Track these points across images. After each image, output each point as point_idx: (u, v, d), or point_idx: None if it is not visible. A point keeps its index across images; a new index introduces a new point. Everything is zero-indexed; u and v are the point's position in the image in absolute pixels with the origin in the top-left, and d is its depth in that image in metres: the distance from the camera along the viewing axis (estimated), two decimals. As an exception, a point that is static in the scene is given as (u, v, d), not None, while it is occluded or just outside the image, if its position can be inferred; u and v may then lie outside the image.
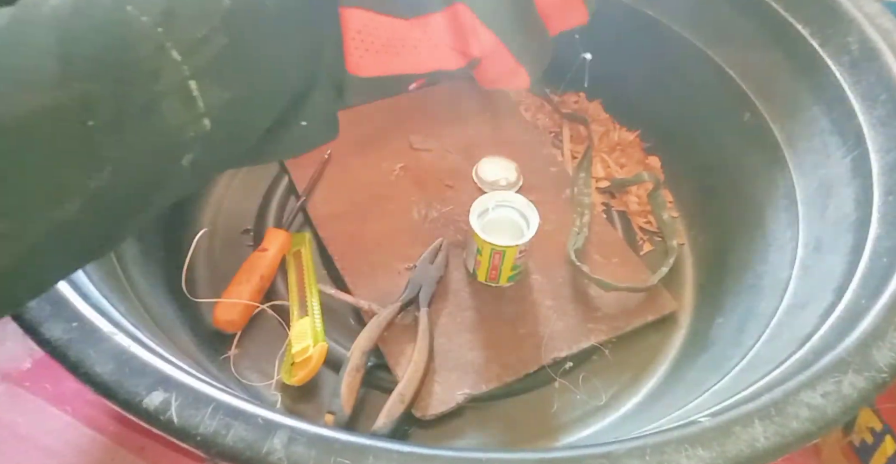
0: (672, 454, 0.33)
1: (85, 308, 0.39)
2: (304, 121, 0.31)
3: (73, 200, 0.24)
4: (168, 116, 0.25)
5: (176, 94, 0.25)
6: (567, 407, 0.58)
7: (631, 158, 0.77)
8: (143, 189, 0.26)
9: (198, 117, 0.25)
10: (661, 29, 0.69)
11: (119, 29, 0.24)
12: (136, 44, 0.24)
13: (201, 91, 0.25)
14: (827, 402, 0.36)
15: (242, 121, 0.28)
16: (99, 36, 0.23)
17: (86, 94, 0.23)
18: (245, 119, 0.28)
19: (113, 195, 0.25)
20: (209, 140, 0.26)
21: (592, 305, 0.63)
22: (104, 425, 0.61)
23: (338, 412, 0.53)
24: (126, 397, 0.35)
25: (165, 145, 0.25)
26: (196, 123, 0.26)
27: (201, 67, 0.25)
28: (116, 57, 0.24)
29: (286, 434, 0.33)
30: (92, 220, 0.25)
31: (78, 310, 0.39)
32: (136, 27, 0.24)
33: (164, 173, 0.26)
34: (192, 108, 0.25)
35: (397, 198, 0.70)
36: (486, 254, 0.60)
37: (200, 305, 0.62)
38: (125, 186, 0.25)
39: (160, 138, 0.25)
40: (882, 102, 0.51)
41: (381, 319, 0.58)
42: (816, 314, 0.45)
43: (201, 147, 0.26)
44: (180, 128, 0.25)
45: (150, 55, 0.24)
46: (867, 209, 0.48)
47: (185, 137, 0.26)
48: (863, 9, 0.55)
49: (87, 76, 0.23)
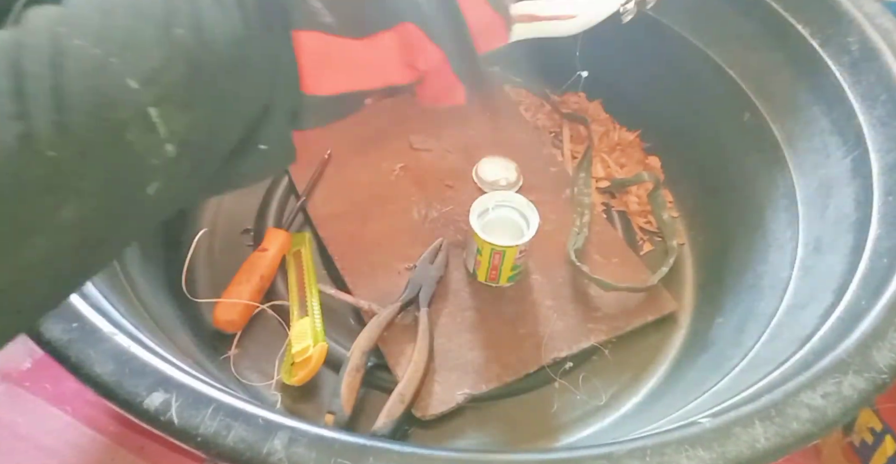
0: (672, 455, 0.33)
1: (85, 308, 0.39)
2: (262, 144, 0.31)
3: (39, 237, 0.24)
4: (131, 144, 0.25)
5: (137, 121, 0.25)
6: (567, 407, 0.59)
7: (631, 158, 0.77)
8: (109, 221, 0.26)
9: (160, 143, 0.26)
10: (661, 29, 0.69)
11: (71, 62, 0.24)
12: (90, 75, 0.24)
13: (163, 117, 0.25)
14: (827, 403, 0.36)
15: (205, 145, 0.28)
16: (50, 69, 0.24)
17: (44, 125, 0.23)
18: (208, 143, 0.28)
19: (79, 229, 0.25)
20: (174, 167, 0.27)
21: (592, 305, 0.63)
22: (104, 425, 0.61)
23: (338, 412, 0.53)
24: (126, 397, 0.35)
25: (130, 174, 0.26)
26: (160, 149, 0.26)
27: (160, 94, 0.25)
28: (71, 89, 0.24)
29: (287, 435, 0.33)
30: (58, 257, 0.25)
31: (78, 310, 0.39)
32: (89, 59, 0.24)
33: (131, 203, 0.26)
34: (155, 134, 0.25)
35: (397, 198, 0.70)
36: (486, 254, 0.60)
37: (200, 305, 0.62)
38: (91, 219, 0.25)
39: (125, 166, 0.25)
40: (882, 102, 0.51)
41: (381, 319, 0.58)
42: (816, 315, 0.45)
43: (166, 174, 0.27)
44: (144, 155, 0.26)
45: (107, 85, 0.24)
46: (867, 209, 0.48)
47: (149, 164, 0.26)
48: (863, 9, 0.55)
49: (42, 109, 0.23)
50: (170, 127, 0.26)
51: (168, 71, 0.25)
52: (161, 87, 0.25)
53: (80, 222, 0.25)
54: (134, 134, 0.25)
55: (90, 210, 0.25)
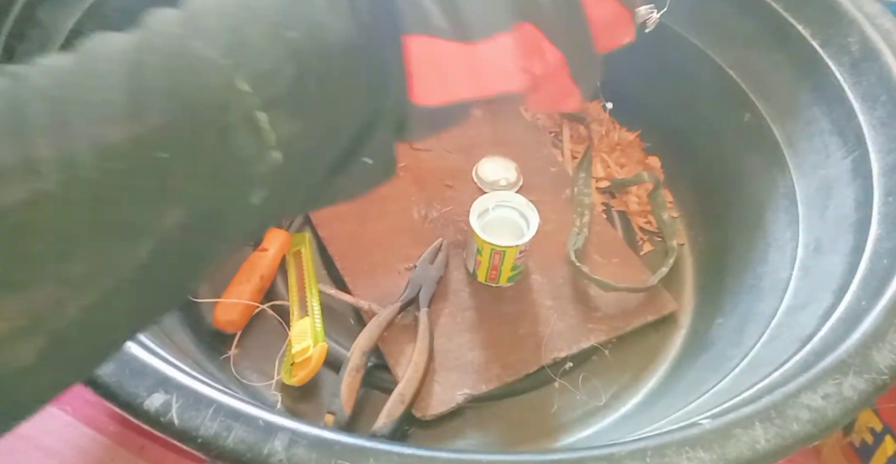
0: (673, 457, 0.33)
1: (85, 309, 0.39)
2: (367, 157, 0.30)
3: (145, 242, 0.23)
4: (240, 149, 0.24)
5: (246, 125, 0.24)
6: (567, 407, 0.59)
7: (631, 158, 0.77)
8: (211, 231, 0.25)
9: (269, 150, 0.25)
10: (661, 29, 0.69)
11: (186, 62, 0.23)
12: (203, 76, 0.24)
13: (272, 123, 0.25)
14: (827, 404, 0.36)
15: (312, 155, 0.27)
16: (166, 70, 0.23)
17: (158, 127, 0.23)
18: (315, 153, 0.27)
19: (181, 238, 0.24)
20: (281, 175, 0.26)
21: (592, 305, 0.63)
22: (104, 425, 0.61)
23: (338, 413, 0.53)
24: (127, 398, 0.35)
25: (237, 180, 0.25)
26: (268, 156, 0.25)
27: (271, 98, 0.24)
28: (185, 90, 0.23)
29: (287, 436, 0.33)
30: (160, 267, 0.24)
31: (78, 311, 0.39)
32: (204, 60, 0.24)
33: (235, 212, 0.26)
34: (264, 140, 0.25)
35: (397, 198, 0.70)
36: (486, 254, 0.60)
37: (200, 305, 0.62)
38: (195, 228, 0.24)
39: (232, 172, 0.25)
40: (882, 103, 0.51)
41: (381, 319, 0.58)
42: (816, 315, 0.45)
43: (271, 183, 0.26)
44: (252, 161, 0.25)
45: (219, 87, 0.24)
46: (867, 210, 0.48)
47: (257, 171, 0.25)
48: (863, 9, 0.55)
49: (157, 110, 0.23)
50: (278, 133, 0.25)
51: (279, 75, 0.25)
52: (271, 92, 0.24)
53: (184, 231, 0.24)
54: (242, 138, 0.24)
55: (194, 217, 0.24)
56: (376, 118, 0.29)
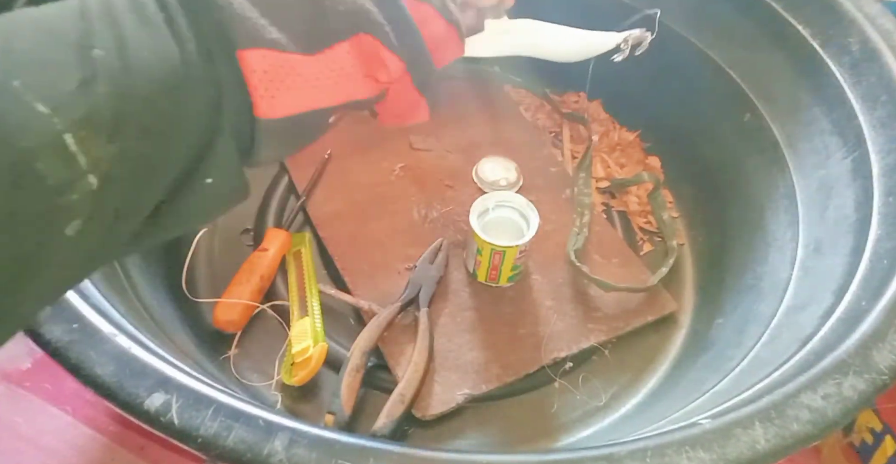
0: (673, 456, 0.33)
1: (85, 309, 0.39)
2: (208, 178, 0.28)
3: None
4: (44, 176, 0.22)
5: (50, 149, 0.22)
6: (567, 407, 0.59)
7: (631, 158, 0.77)
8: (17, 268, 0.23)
9: (81, 175, 0.23)
10: (661, 29, 0.69)
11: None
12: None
13: (81, 145, 0.23)
14: (827, 404, 0.36)
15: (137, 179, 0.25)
16: None
17: None
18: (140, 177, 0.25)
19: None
20: (100, 201, 0.24)
21: (592, 305, 0.63)
22: (104, 425, 0.61)
23: (338, 413, 0.53)
24: (127, 398, 0.35)
25: (45, 210, 0.23)
26: (80, 182, 0.23)
27: (78, 120, 0.23)
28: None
29: (287, 436, 0.33)
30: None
31: (78, 311, 0.39)
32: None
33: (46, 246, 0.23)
34: (73, 164, 0.23)
35: (397, 198, 0.70)
36: (486, 254, 0.60)
37: (200, 305, 0.62)
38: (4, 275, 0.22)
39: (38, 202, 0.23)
40: (882, 103, 0.51)
41: (381, 319, 0.58)
42: (817, 316, 0.45)
43: (89, 212, 0.24)
44: (62, 189, 0.23)
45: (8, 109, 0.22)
46: (867, 210, 0.48)
47: (67, 200, 0.23)
48: (863, 9, 0.55)
49: None
50: (90, 157, 0.23)
51: (86, 95, 0.23)
52: (78, 113, 0.23)
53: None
54: (46, 163, 0.22)
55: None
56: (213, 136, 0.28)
